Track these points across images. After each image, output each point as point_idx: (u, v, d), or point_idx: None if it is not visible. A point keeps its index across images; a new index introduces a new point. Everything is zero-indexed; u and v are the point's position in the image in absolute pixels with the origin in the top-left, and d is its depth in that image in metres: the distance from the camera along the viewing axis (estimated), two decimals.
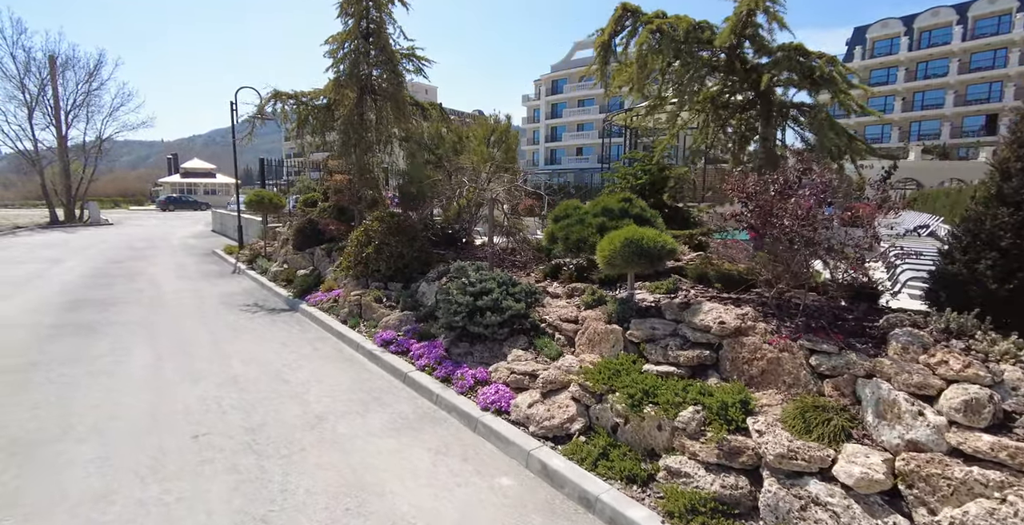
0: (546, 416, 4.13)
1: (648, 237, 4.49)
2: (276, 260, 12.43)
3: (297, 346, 6.89)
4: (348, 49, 11.43)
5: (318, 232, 11.60)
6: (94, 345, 6.74)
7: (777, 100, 5.63)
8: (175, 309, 8.88)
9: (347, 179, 10.62)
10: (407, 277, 8.33)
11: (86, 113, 31.25)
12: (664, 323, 4.45)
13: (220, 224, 24.58)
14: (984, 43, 48.24)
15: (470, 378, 5.05)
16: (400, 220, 8.63)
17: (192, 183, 59.32)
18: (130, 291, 10.32)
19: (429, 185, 9.82)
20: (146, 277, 11.97)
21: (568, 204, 7.02)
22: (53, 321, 7.86)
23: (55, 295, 9.81)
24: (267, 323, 8.07)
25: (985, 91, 48.84)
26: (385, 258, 8.12)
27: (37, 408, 4.76)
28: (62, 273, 12.32)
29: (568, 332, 5.20)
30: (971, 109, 49.10)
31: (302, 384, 5.53)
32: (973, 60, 49.37)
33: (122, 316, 8.28)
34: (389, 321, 6.94)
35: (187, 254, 16.44)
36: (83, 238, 21.28)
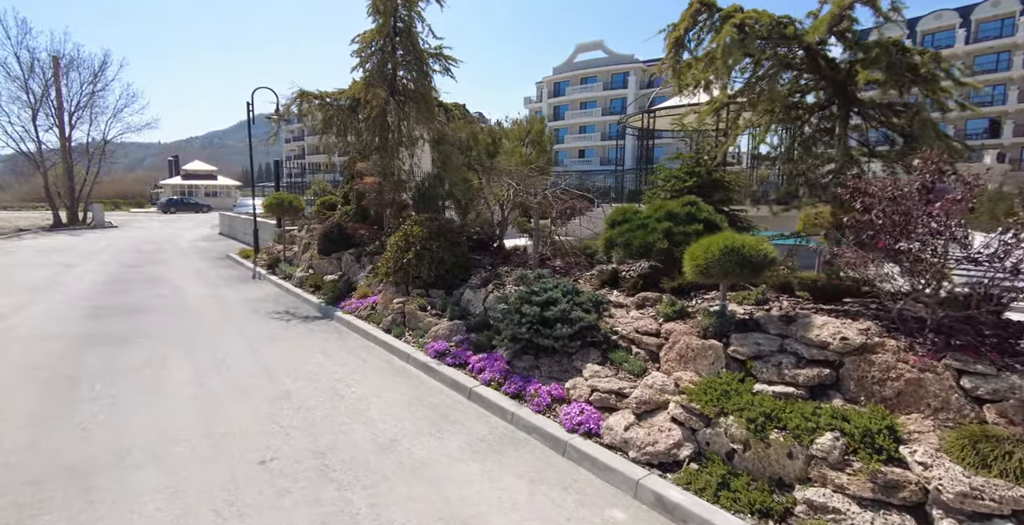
0: (648, 441, 3.80)
1: (749, 245, 4.17)
2: (299, 265, 12.07)
3: (342, 357, 6.54)
4: (375, 48, 11.14)
5: (345, 236, 11.25)
6: (129, 356, 6.37)
7: (864, 99, 5.33)
8: (203, 316, 8.51)
9: (376, 182, 10.28)
10: (449, 284, 8.00)
11: (90, 114, 30.90)
12: (768, 338, 4.12)
13: (228, 227, 24.19)
14: (987, 46, 48.29)
15: (545, 395, 4.72)
16: (441, 224, 8.29)
17: (193, 185, 58.84)
18: (152, 297, 9.95)
19: (464, 189, 9.50)
20: (165, 282, 11.59)
21: (625, 208, 6.71)
22: (82, 330, 7.49)
23: (78, 301, 9.43)
24: (304, 332, 7.72)
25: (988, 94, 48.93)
26: (427, 264, 7.79)
27: (87, 430, 4.40)
28: (79, 278, 11.93)
29: (649, 346, 4.87)
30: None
31: (360, 400, 5.18)
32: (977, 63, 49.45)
33: (150, 324, 7.92)
34: (439, 331, 6.60)
35: (201, 258, 16.06)
36: (90, 241, 20.87)
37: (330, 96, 11.57)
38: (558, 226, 8.08)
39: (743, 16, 5.08)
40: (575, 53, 70.61)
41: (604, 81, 68.76)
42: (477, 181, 9.49)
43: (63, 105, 29.50)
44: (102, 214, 30.23)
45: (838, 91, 5.49)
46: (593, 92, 68.48)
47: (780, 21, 5.22)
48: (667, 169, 9.20)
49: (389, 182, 10.60)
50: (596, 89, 68.57)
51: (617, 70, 67.89)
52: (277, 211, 13.20)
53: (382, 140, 11.73)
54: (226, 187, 61.88)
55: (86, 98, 30.29)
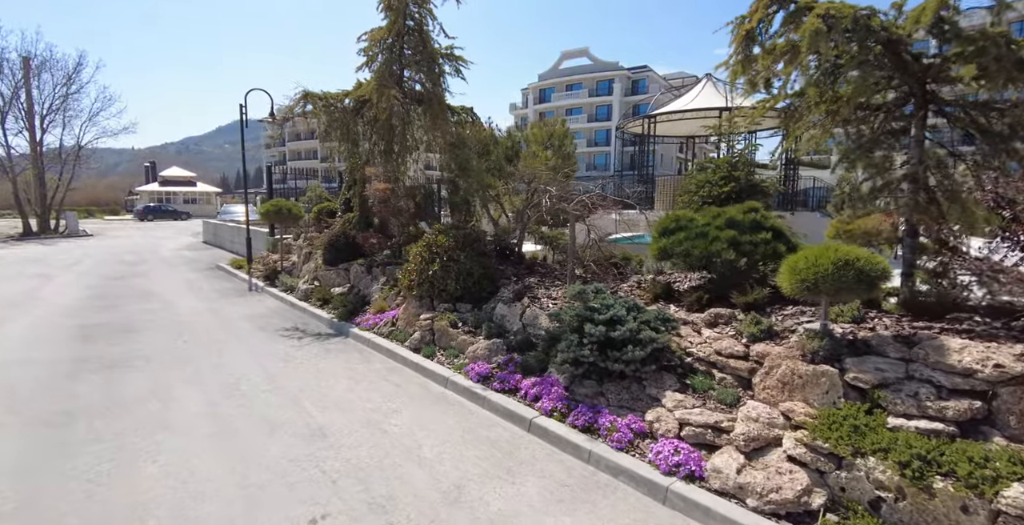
0: (769, 486, 3.27)
1: (864, 258, 3.70)
2: (302, 276, 11.32)
3: (371, 381, 5.89)
4: (384, 46, 10.55)
5: (352, 245, 10.57)
6: (129, 385, 5.62)
7: (946, 97, 4.96)
8: (204, 335, 7.75)
9: (388, 189, 9.65)
10: (477, 297, 7.41)
11: (63, 118, 29.47)
12: (890, 363, 3.64)
13: (213, 235, 23.15)
14: None
15: (625, 429, 4.16)
16: (468, 233, 7.71)
17: (171, 192, 57.01)
18: (143, 313, 9.12)
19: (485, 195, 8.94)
20: (155, 296, 10.73)
21: (678, 215, 6.21)
22: (70, 354, 6.68)
23: (60, 318, 8.56)
24: (320, 352, 7.03)
25: None
26: (454, 276, 7.19)
27: (94, 484, 3.69)
28: (58, 292, 10.99)
29: (738, 371, 4.36)
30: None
31: (406, 435, 4.55)
32: None
33: (146, 345, 7.14)
34: (477, 351, 6.00)
35: (189, 269, 15.14)
36: (65, 251, 19.67)
37: (334, 97, 10.92)
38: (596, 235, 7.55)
39: (827, 6, 4.65)
40: (560, 60, 70.84)
41: (589, 88, 69.03)
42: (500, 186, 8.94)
43: (33, 108, 28.11)
44: (76, 222, 28.80)
45: (916, 88, 5.10)
46: (579, 99, 68.65)
47: (863, 12, 4.81)
48: (700, 175, 8.78)
49: (399, 188, 9.98)
50: (582, 96, 68.80)
51: (602, 77, 68.24)
52: (275, 219, 12.44)
53: (390, 144, 11.13)
54: (206, 194, 60.15)
55: (59, 101, 28.93)
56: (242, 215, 30.79)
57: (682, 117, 20.79)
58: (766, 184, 8.16)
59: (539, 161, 8.45)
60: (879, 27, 4.69)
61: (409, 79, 10.93)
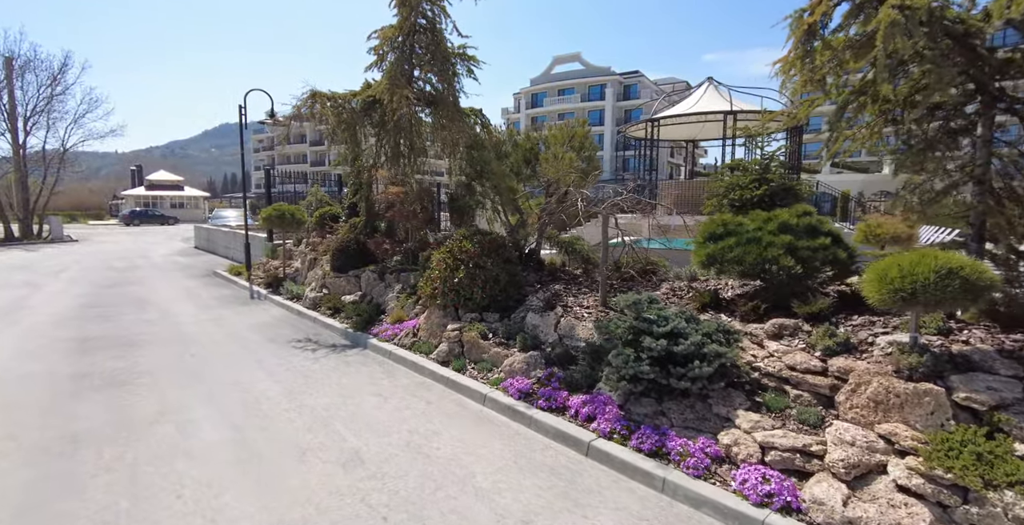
0: (886, 521, 2.92)
1: (968, 266, 3.39)
2: (308, 284, 10.84)
3: (401, 398, 5.47)
4: (395, 44, 10.18)
5: (363, 251, 10.13)
6: (138, 405, 5.14)
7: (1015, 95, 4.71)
8: (211, 348, 7.27)
9: (403, 192, 9.24)
10: (503, 306, 7.02)
11: (47, 120, 28.60)
12: (1002, 381, 3.33)
13: (206, 240, 22.48)
14: None
15: (699, 453, 3.80)
16: (494, 238, 7.33)
17: (158, 196, 55.85)
18: (142, 324, 8.59)
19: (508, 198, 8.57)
20: (152, 305, 10.19)
21: (725, 220, 5.89)
22: (69, 369, 6.17)
23: (54, 330, 8.01)
24: (339, 365, 6.58)
25: None
26: (480, 284, 6.80)
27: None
28: (48, 301, 10.39)
29: (817, 388, 4.01)
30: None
31: (453, 460, 4.14)
32: None
33: (152, 359, 6.65)
34: (514, 365, 5.60)
35: (184, 276, 14.55)
36: (51, 257, 18.92)
37: (342, 98, 10.51)
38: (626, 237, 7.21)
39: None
40: (552, 65, 70.95)
41: (582, 93, 69.20)
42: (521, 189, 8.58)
43: (16, 109, 27.24)
44: (60, 227, 27.90)
45: (986, 85, 4.84)
46: (571, 104, 68.76)
47: (936, 3, 4.55)
48: (729, 177, 8.49)
49: (413, 192, 9.58)
50: (574, 101, 68.93)
51: (594, 82, 68.44)
52: (277, 224, 11.94)
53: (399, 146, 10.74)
54: (194, 198, 59.03)
55: (43, 102, 28.09)
56: (234, 220, 30.19)
57: (687, 120, 20.68)
58: (800, 187, 7.89)
59: (564, 163, 8.09)
60: (954, 19, 4.42)
61: (419, 79, 10.55)
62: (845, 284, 5.52)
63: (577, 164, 8.78)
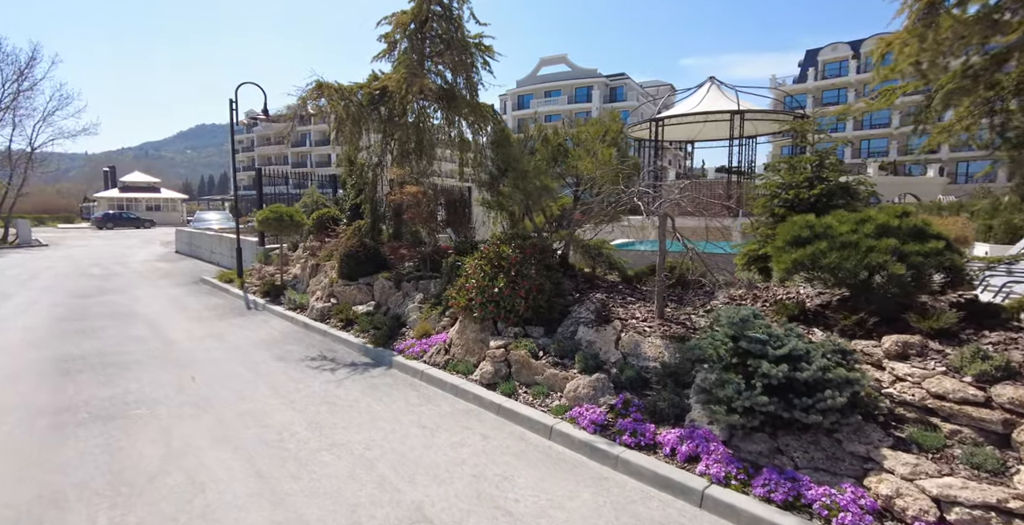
0: None
1: None
2: (312, 292, 9.93)
3: (450, 431, 4.68)
4: (409, 31, 9.39)
5: (375, 257, 9.29)
6: (137, 447, 4.26)
7: None
8: (214, 369, 6.37)
9: (421, 193, 8.43)
10: (547, 318, 6.28)
11: (13, 117, 26.93)
12: None
13: (188, 244, 21.24)
14: None
15: (852, 506, 3.10)
16: (535, 242, 6.59)
17: (133, 198, 53.68)
18: (129, 340, 7.62)
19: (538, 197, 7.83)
20: (139, 318, 9.18)
21: (809, 222, 5.24)
22: (48, 400, 5.22)
23: (26, 349, 7.00)
24: (366, 389, 5.76)
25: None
26: (523, 294, 6.04)
27: None
28: (18, 313, 9.30)
29: (984, 423, 3.35)
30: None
31: (542, 517, 3.38)
32: None
33: (146, 385, 5.73)
34: (579, 390, 4.86)
35: (170, 283, 13.46)
36: (19, 264, 17.55)
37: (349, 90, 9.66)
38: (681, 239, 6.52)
39: None
40: (538, 66, 70.53)
41: (568, 95, 68.95)
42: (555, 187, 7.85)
43: None
44: (29, 231, 26.25)
45: None
46: (558, 105, 68.37)
47: None
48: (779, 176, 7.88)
49: (431, 193, 8.77)
50: (560, 102, 68.59)
51: (581, 84, 68.25)
52: (275, 227, 11.00)
53: (413, 143, 9.95)
54: (170, 200, 56.90)
55: (9, 98, 26.43)
56: (216, 223, 28.83)
57: (693, 120, 20.22)
58: (862, 186, 7.32)
59: (603, 159, 7.40)
60: None
61: (429, 70, 9.78)
62: (959, 294, 4.91)
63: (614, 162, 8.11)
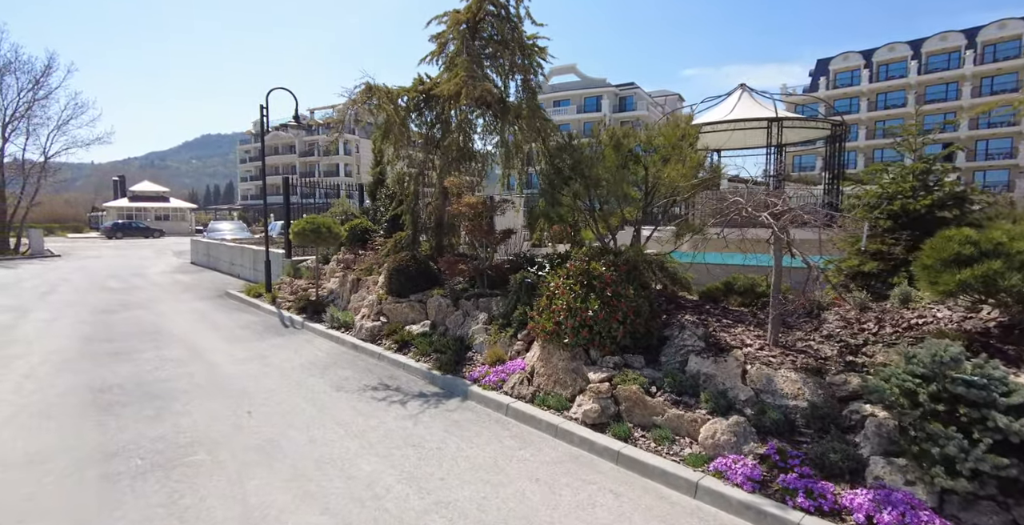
0: None
1: None
2: (355, 309, 9.24)
3: (570, 486, 3.95)
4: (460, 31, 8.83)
5: (426, 273, 8.62)
6: (208, 510, 3.55)
7: None
8: (269, 401, 5.67)
9: (480, 203, 7.78)
10: (646, 345, 5.59)
11: (27, 126, 26.51)
12: None
13: (206, 255, 20.64)
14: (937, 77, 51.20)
15: None
16: (629, 258, 5.91)
17: (142, 208, 53.33)
18: (168, 364, 6.94)
19: (614, 208, 7.18)
20: (170, 337, 8.50)
21: (965, 237, 4.56)
22: (93, 441, 4.52)
23: (57, 376, 6.32)
24: (448, 426, 5.04)
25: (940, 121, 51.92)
26: (620, 318, 5.35)
27: None
28: (43, 333, 8.64)
29: None
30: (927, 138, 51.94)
31: None
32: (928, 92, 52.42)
33: (198, 422, 5.03)
34: (718, 436, 4.14)
35: (193, 297, 12.80)
36: (35, 276, 16.94)
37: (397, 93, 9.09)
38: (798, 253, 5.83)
39: None
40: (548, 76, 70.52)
41: (577, 104, 68.86)
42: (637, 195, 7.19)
43: None
44: (41, 241, 25.68)
45: None
46: (567, 115, 68.20)
47: None
48: (883, 184, 7.22)
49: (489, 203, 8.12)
50: (570, 112, 68.44)
51: (590, 94, 68.21)
52: (312, 239, 10.35)
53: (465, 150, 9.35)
54: (179, 210, 56.60)
55: (24, 107, 26.03)
56: (229, 233, 28.25)
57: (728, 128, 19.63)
58: (976, 194, 6.65)
59: (689, 165, 6.74)
60: None
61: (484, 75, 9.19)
62: None
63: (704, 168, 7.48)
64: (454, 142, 8.93)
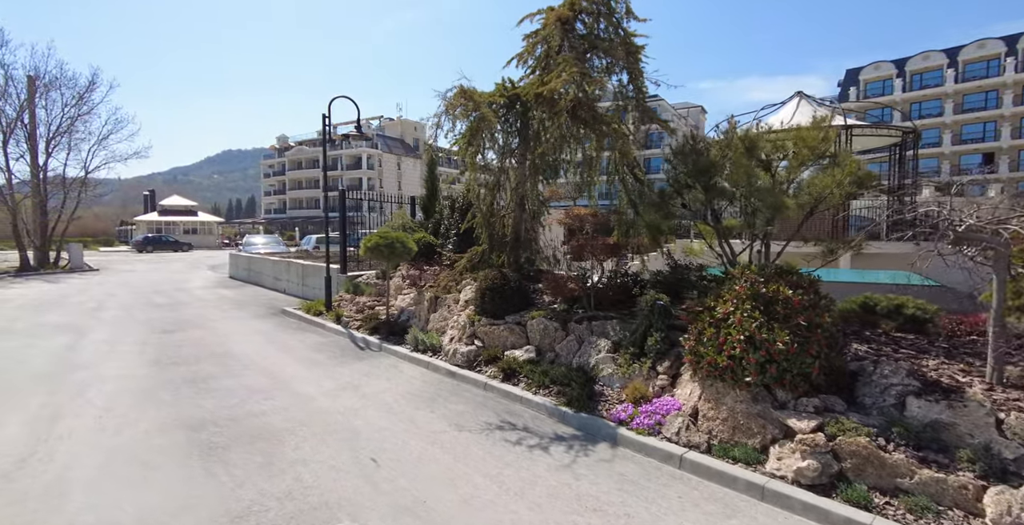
0: None
1: None
2: (438, 330, 8.45)
3: None
4: (554, 31, 8.15)
5: (520, 292, 7.82)
6: None
7: None
8: (388, 445, 4.85)
9: (594, 214, 6.99)
10: (838, 383, 4.69)
11: (69, 141, 26.56)
12: None
13: (247, 270, 20.13)
14: (975, 85, 49.86)
15: None
16: (811, 278, 5.06)
17: (171, 222, 53.74)
18: (254, 397, 6.18)
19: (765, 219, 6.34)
20: (245, 363, 7.78)
21: None
22: (212, 503, 3.72)
23: (140, 410, 5.58)
24: (619, 483, 4.17)
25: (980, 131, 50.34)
26: (815, 352, 4.47)
27: None
28: (106, 356, 7.98)
29: None
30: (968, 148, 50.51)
31: None
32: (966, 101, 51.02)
33: (321, 474, 4.23)
34: (1015, 513, 3.23)
35: (248, 315, 12.14)
36: (79, 291, 16.53)
37: (488, 97, 8.43)
38: None
39: None
40: None
41: None
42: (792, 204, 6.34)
43: (37, 130, 25.24)
44: (80, 255, 25.57)
45: None
46: None
47: None
48: None
49: (600, 216, 7.33)
50: None
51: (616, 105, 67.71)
52: (386, 255, 9.64)
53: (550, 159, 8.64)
54: (207, 224, 56.95)
55: (67, 122, 26.11)
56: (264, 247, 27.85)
57: None
58: None
59: (847, 170, 5.90)
60: None
61: None
62: None
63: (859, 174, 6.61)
64: (550, 146, 8.20)
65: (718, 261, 8.17)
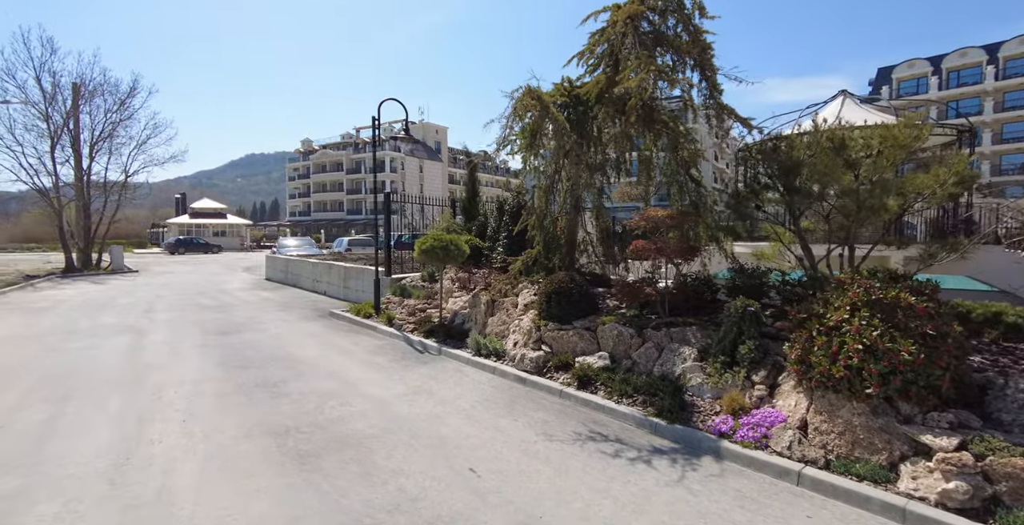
0: None
1: None
2: (499, 335, 8.29)
3: None
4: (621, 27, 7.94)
5: (587, 296, 7.62)
6: None
7: None
8: (481, 454, 4.67)
9: (675, 215, 6.75)
10: (965, 396, 4.37)
11: (110, 145, 27.19)
12: None
13: (284, 272, 20.29)
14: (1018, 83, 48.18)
15: None
16: (933, 284, 4.75)
17: (201, 224, 54.78)
18: (328, 400, 6.07)
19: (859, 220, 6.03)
20: (310, 366, 7.71)
21: None
22: (321, 514, 3.60)
23: (221, 415, 5.50)
24: (739, 501, 3.91)
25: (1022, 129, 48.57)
26: (943, 363, 4.17)
27: None
28: (172, 359, 8.00)
29: None
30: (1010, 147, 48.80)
31: None
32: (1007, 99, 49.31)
33: (423, 484, 4.06)
34: None
35: (296, 317, 12.15)
36: (126, 292, 16.83)
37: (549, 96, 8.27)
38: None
39: None
40: None
41: None
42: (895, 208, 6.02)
43: (80, 135, 25.89)
44: (121, 257, 26.11)
45: None
46: None
47: None
48: None
49: (678, 217, 7.08)
50: None
51: None
52: (440, 258, 9.53)
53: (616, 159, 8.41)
54: (235, 226, 57.90)
55: (109, 127, 26.75)
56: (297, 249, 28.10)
57: None
58: None
59: (951, 171, 5.58)
60: None
61: None
62: None
63: None
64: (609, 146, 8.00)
65: (789, 266, 7.87)
